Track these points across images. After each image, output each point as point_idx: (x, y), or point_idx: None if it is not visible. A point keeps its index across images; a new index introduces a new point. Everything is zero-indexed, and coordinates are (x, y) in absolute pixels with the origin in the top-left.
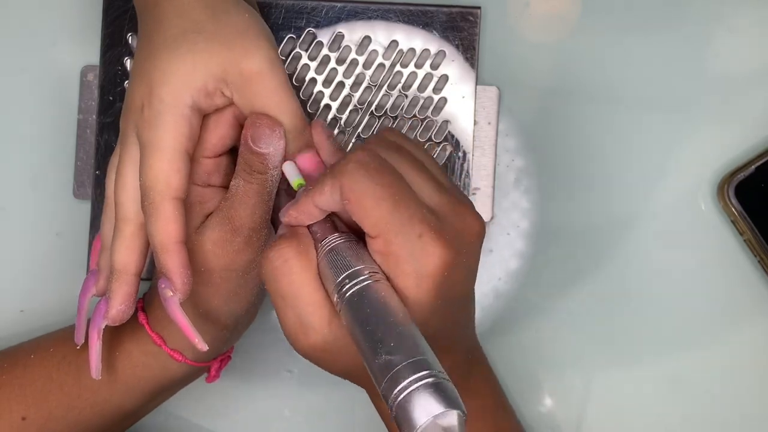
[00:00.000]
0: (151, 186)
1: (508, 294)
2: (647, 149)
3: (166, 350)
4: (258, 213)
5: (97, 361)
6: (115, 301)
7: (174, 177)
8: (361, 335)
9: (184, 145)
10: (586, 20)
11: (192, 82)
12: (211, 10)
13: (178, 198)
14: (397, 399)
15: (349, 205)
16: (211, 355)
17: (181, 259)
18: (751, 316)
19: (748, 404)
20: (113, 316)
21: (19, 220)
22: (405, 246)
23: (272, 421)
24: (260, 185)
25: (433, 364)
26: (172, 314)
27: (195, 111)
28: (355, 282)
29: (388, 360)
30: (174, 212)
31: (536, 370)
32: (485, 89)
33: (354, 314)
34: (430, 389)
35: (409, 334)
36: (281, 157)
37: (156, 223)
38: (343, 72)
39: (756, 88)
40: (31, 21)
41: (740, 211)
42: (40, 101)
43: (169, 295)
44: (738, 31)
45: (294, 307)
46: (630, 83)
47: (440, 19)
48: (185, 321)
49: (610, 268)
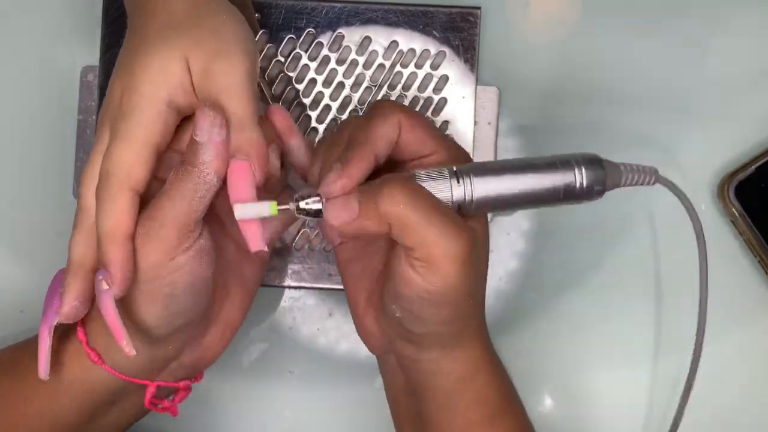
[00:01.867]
0: (114, 172)
1: (508, 294)
2: (647, 149)
3: (85, 347)
4: (172, 207)
5: (45, 359)
6: (68, 296)
7: (138, 168)
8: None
9: (156, 140)
10: (586, 20)
11: (168, 78)
12: (192, 8)
13: (136, 191)
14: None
15: (392, 231)
16: (135, 371)
17: (126, 253)
18: (751, 316)
19: (749, 404)
20: (66, 313)
21: (19, 220)
22: (439, 245)
23: (272, 421)
24: (185, 177)
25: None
26: (104, 309)
27: (172, 109)
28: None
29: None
30: (128, 204)
31: (536, 370)
32: (485, 89)
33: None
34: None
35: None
36: (213, 154)
37: (108, 211)
38: (343, 72)
39: (756, 88)
40: (31, 21)
41: (740, 211)
42: (40, 101)
43: (104, 288)
44: (738, 31)
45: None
46: (630, 83)
47: (440, 20)
48: (116, 317)
49: (610, 268)
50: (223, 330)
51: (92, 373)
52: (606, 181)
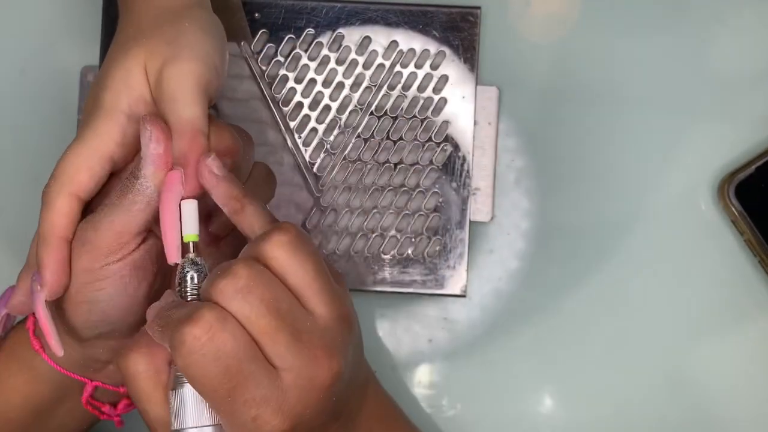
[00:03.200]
0: (56, 176)
1: (508, 294)
2: (647, 149)
3: (31, 336)
4: (109, 215)
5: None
6: (18, 292)
7: (82, 174)
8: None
9: (110, 150)
10: (586, 20)
11: (128, 90)
12: (158, 19)
13: (76, 195)
14: None
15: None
16: (68, 365)
17: (59, 255)
18: (751, 316)
19: (749, 404)
20: (12, 305)
21: (19, 220)
22: (238, 428)
23: None
24: (126, 189)
25: None
26: (35, 309)
27: (132, 120)
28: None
29: None
30: (65, 208)
31: (536, 370)
32: (485, 89)
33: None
34: None
35: None
36: (152, 167)
37: (45, 213)
38: (343, 72)
39: (756, 88)
40: (31, 21)
41: (740, 211)
42: (40, 101)
43: (37, 289)
44: (738, 31)
45: (144, 411)
46: (630, 83)
47: (440, 20)
48: (46, 318)
49: (610, 268)
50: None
51: (37, 363)
52: None
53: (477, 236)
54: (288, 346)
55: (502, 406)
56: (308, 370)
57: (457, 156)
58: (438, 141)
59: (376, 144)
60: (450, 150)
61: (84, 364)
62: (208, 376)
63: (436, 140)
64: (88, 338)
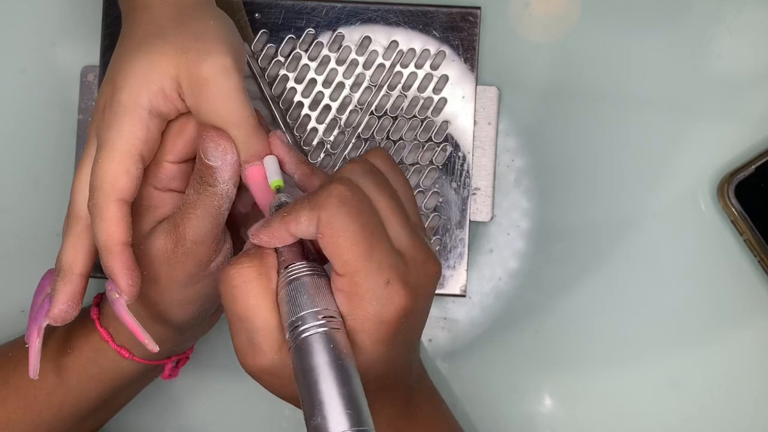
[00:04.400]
0: (98, 186)
1: (508, 294)
2: (647, 149)
3: (114, 346)
4: (203, 226)
5: (35, 359)
6: (58, 300)
7: (121, 178)
8: (302, 387)
9: (138, 148)
10: (586, 20)
11: (148, 84)
12: (178, 17)
13: (123, 200)
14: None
15: (322, 240)
16: (163, 355)
17: (125, 261)
18: (751, 316)
19: (748, 404)
20: (55, 316)
21: (19, 220)
22: (371, 291)
23: (272, 420)
24: (209, 198)
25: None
26: (120, 316)
27: (153, 115)
28: (309, 326)
29: (320, 425)
30: (117, 214)
31: (536, 370)
32: (485, 89)
33: (300, 361)
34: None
35: (349, 397)
36: (232, 172)
37: (99, 224)
38: (343, 72)
39: (756, 88)
40: (31, 21)
41: (740, 211)
42: (40, 101)
43: (115, 297)
44: (738, 31)
45: (247, 330)
46: (630, 83)
47: (440, 20)
48: (133, 323)
49: (610, 268)
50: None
51: (121, 365)
52: None
53: (477, 236)
54: (402, 228)
55: (502, 406)
56: (416, 255)
57: (457, 156)
58: (438, 141)
59: (376, 144)
60: (450, 150)
61: (174, 350)
62: (353, 227)
63: (436, 140)
64: (190, 329)
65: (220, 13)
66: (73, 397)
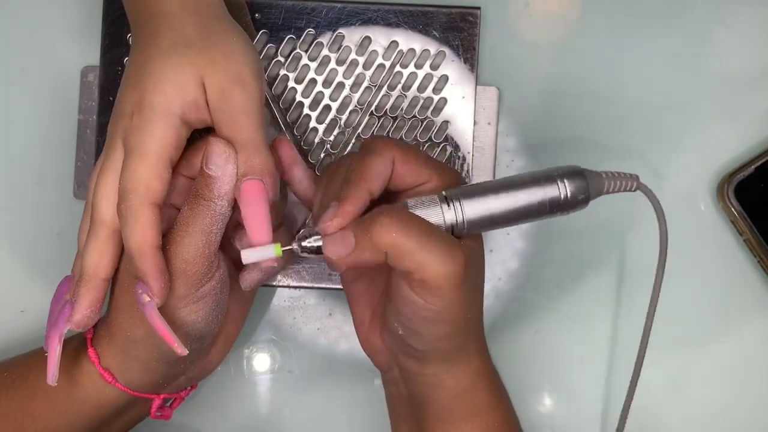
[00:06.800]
0: (132, 189)
1: (508, 294)
2: (647, 149)
3: (99, 369)
4: (193, 243)
5: (55, 366)
6: (80, 305)
7: (155, 182)
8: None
9: (170, 153)
10: (586, 20)
11: (183, 93)
12: (203, 28)
13: (156, 204)
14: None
15: (388, 259)
16: (152, 388)
17: (158, 263)
18: (751, 316)
19: (749, 404)
20: (78, 321)
21: (19, 220)
22: (434, 267)
23: (272, 421)
24: (202, 214)
25: None
26: (150, 319)
27: (184, 123)
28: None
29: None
30: (152, 217)
31: (536, 370)
32: (485, 89)
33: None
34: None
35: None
36: (228, 187)
37: (134, 227)
38: (343, 72)
39: (756, 88)
40: (31, 21)
41: (740, 211)
42: (40, 101)
43: (146, 300)
44: (738, 31)
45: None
46: (630, 83)
47: (440, 20)
48: (163, 325)
49: (609, 268)
50: (223, 342)
51: (105, 391)
52: (589, 190)
53: None
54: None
55: None
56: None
57: (457, 156)
58: (438, 141)
59: None
60: (450, 150)
61: (161, 382)
62: (408, 235)
63: (436, 140)
64: (177, 362)
65: (237, 27)
66: (56, 424)
